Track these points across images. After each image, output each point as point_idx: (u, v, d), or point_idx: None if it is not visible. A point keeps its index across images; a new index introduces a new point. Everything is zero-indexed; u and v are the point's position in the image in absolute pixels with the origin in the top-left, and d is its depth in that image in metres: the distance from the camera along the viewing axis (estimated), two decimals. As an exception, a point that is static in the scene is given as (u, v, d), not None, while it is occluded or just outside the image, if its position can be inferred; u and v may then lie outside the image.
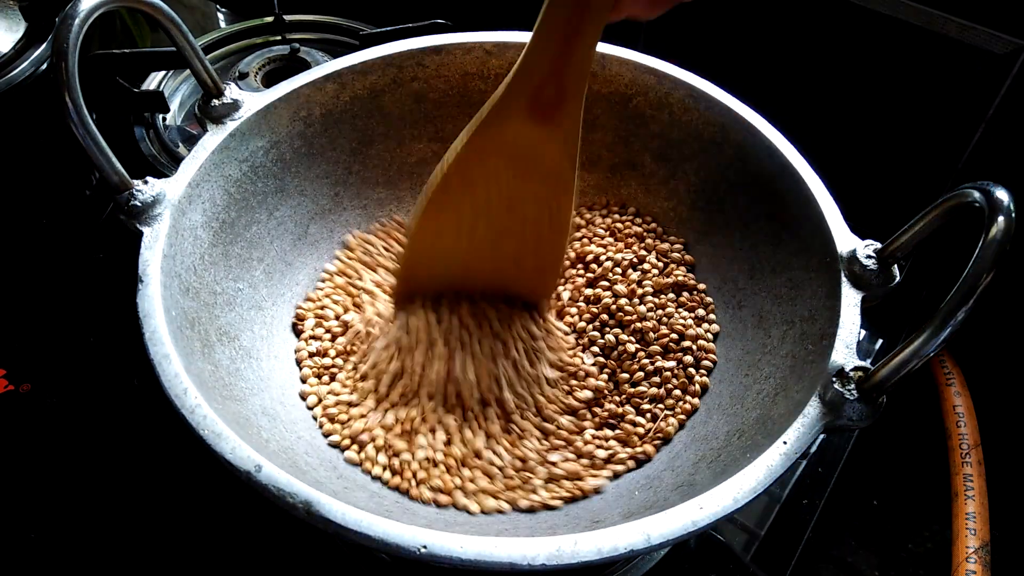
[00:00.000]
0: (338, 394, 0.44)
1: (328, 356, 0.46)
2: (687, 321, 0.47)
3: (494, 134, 0.40)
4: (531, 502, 0.40)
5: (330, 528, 0.31)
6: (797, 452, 0.33)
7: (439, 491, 0.40)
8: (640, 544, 0.30)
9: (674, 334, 0.46)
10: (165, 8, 0.43)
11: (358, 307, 0.48)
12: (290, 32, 0.73)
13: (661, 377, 0.45)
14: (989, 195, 0.32)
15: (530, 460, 0.42)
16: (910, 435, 0.56)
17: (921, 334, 0.31)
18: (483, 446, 0.42)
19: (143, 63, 0.64)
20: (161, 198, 0.41)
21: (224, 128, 0.45)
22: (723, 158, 0.48)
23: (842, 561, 0.52)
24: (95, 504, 0.47)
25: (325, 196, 0.51)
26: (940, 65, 0.54)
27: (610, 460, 0.43)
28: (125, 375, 0.52)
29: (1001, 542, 0.49)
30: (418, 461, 0.41)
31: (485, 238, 0.44)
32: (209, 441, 0.33)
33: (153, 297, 0.37)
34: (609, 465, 0.42)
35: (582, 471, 0.42)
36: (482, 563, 0.30)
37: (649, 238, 0.52)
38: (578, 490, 0.41)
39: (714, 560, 0.46)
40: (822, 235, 0.41)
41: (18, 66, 0.53)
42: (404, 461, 0.41)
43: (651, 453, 0.43)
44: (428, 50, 0.51)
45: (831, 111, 0.60)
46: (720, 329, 0.47)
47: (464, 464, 0.42)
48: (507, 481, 0.41)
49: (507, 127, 0.40)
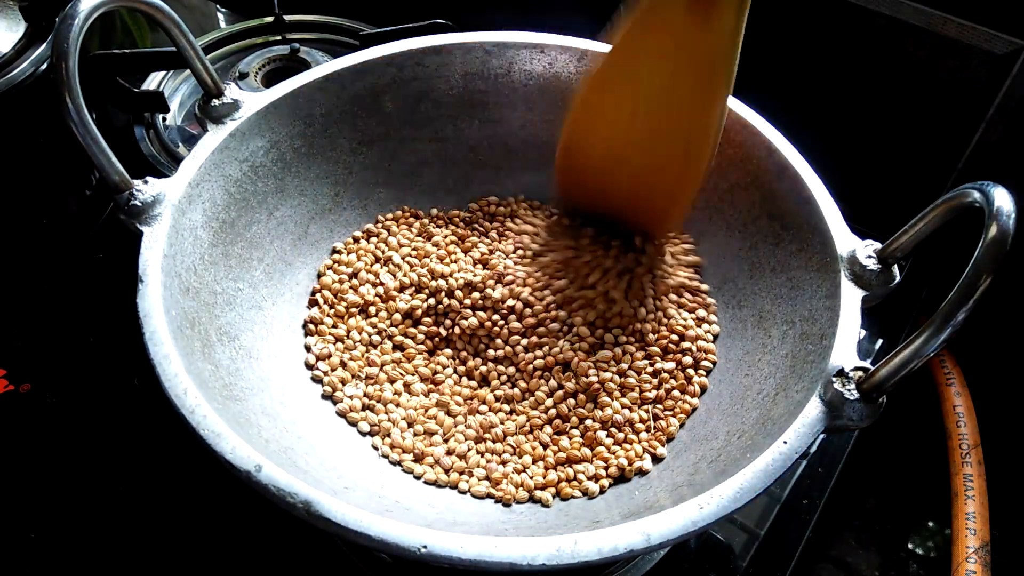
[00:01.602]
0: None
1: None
2: (687, 322, 0.47)
3: (654, 21, 0.40)
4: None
5: (330, 528, 0.31)
6: (797, 452, 0.33)
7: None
8: (640, 544, 0.30)
9: (674, 335, 0.47)
10: (165, 8, 0.43)
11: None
12: (290, 32, 0.73)
13: (659, 379, 0.45)
14: (989, 195, 0.32)
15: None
16: (910, 435, 0.57)
17: (921, 334, 0.31)
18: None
19: (143, 63, 0.64)
20: (161, 198, 0.41)
21: (224, 128, 0.45)
22: (723, 158, 0.48)
23: (842, 561, 0.52)
24: (95, 504, 0.47)
25: (325, 196, 0.51)
26: (940, 65, 0.54)
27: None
28: (125, 375, 0.52)
29: (1001, 542, 0.49)
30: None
31: (644, 127, 0.44)
32: (209, 441, 0.33)
33: (153, 297, 0.37)
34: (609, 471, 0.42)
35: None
36: (482, 563, 0.30)
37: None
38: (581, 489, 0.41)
39: (714, 560, 0.46)
40: (822, 235, 0.41)
41: (18, 66, 0.53)
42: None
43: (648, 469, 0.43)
44: (428, 50, 0.51)
45: (831, 111, 0.60)
46: (720, 330, 0.47)
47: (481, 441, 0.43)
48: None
49: (666, 14, 0.40)
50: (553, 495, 0.41)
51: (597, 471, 0.42)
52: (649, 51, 0.42)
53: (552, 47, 0.52)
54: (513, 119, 0.54)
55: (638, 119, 0.45)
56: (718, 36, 0.40)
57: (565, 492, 0.41)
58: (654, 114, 0.44)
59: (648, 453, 0.43)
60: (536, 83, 0.52)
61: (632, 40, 0.42)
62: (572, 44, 0.51)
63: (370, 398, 0.45)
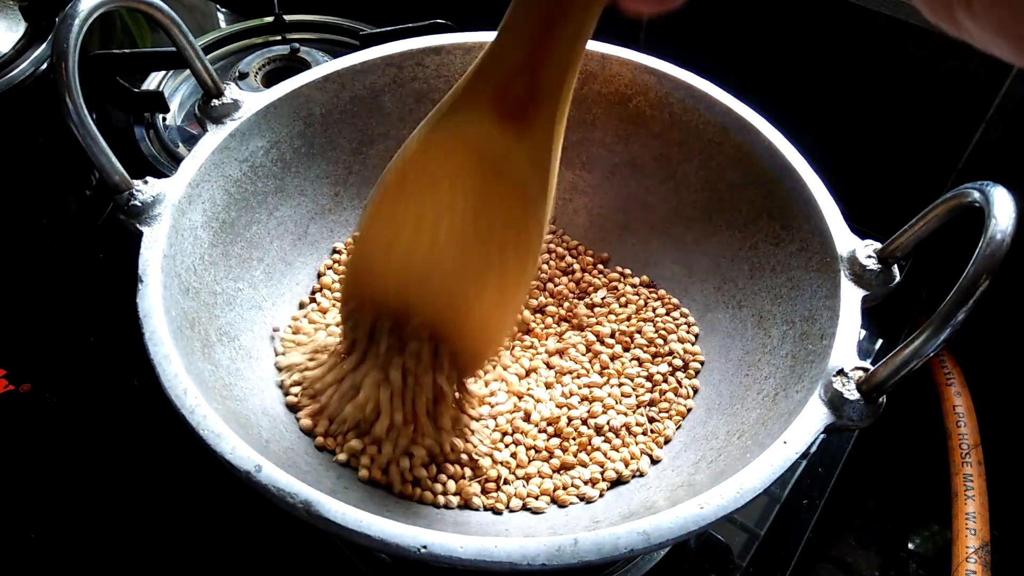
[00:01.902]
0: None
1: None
2: (668, 326, 0.48)
3: (456, 130, 0.35)
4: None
5: (330, 528, 0.31)
6: (797, 452, 0.33)
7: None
8: (640, 544, 0.30)
9: (658, 339, 0.48)
10: (165, 8, 0.43)
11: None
12: (290, 32, 0.73)
13: (653, 382, 0.46)
14: (989, 195, 0.32)
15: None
16: (910, 435, 0.56)
17: (921, 334, 0.32)
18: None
19: (143, 63, 0.64)
20: (161, 198, 0.41)
21: (224, 128, 0.45)
22: (723, 158, 0.48)
23: (842, 561, 0.52)
24: (95, 504, 0.47)
25: (325, 196, 0.51)
26: (940, 65, 0.54)
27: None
28: (125, 375, 0.52)
29: (1001, 542, 0.49)
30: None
31: (448, 243, 0.37)
32: (209, 441, 0.33)
33: (153, 297, 0.37)
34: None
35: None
36: (482, 563, 0.30)
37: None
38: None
39: (714, 560, 0.46)
40: (822, 235, 0.41)
41: (18, 66, 0.53)
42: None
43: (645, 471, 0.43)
44: (428, 50, 0.51)
45: (831, 111, 0.60)
46: (708, 329, 0.48)
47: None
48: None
49: (470, 123, 0.34)
50: (549, 503, 0.41)
51: (593, 476, 0.42)
52: (450, 167, 0.35)
53: (552, 47, 0.51)
54: (513, 119, 0.54)
55: (437, 248, 0.37)
56: (532, 149, 0.34)
57: (561, 499, 0.41)
58: (457, 242, 0.37)
59: (645, 455, 0.43)
60: (536, 83, 0.52)
61: (429, 154, 0.35)
62: (572, 44, 0.51)
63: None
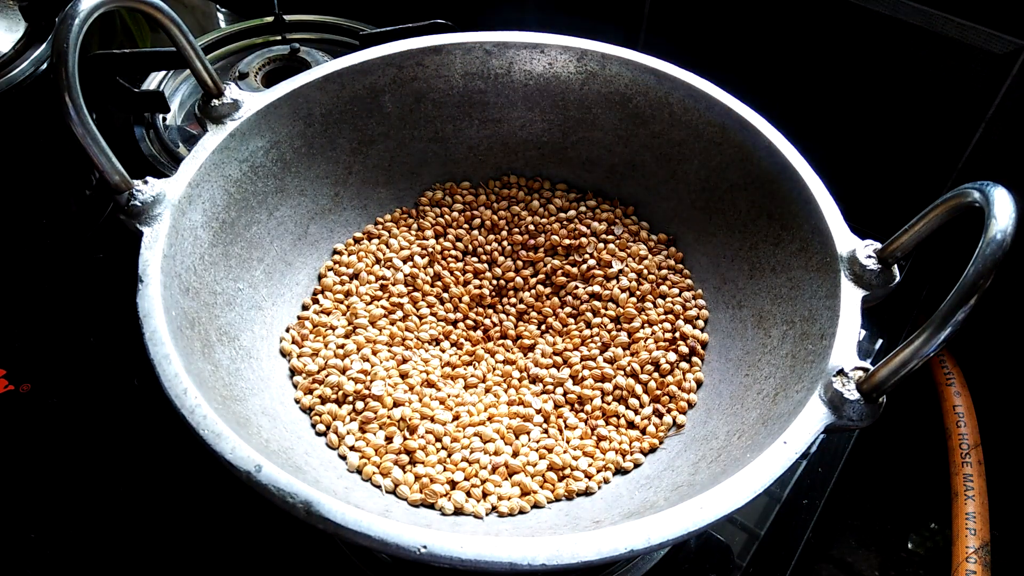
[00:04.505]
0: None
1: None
2: (676, 307, 0.48)
3: None
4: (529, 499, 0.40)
5: (330, 528, 0.31)
6: (797, 452, 0.33)
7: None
8: (640, 544, 0.30)
9: (667, 323, 0.48)
10: (165, 8, 0.43)
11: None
12: (290, 32, 0.73)
13: (660, 370, 0.46)
14: (989, 195, 0.32)
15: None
16: (910, 435, 0.57)
17: (921, 334, 0.31)
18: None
19: (143, 63, 0.64)
20: (161, 198, 0.41)
21: (224, 128, 0.45)
22: (723, 158, 0.48)
23: (842, 561, 0.52)
24: (95, 504, 0.47)
25: (325, 196, 0.51)
26: (940, 65, 0.54)
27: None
28: (125, 375, 0.52)
29: (1001, 542, 0.49)
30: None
31: None
32: (209, 441, 0.33)
33: (153, 297, 0.37)
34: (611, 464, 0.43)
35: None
36: (482, 563, 0.30)
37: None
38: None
39: (714, 560, 0.46)
40: (822, 235, 0.41)
41: (18, 66, 0.53)
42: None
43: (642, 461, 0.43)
44: (428, 50, 0.51)
45: (831, 111, 0.60)
46: (711, 317, 0.48)
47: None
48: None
49: None
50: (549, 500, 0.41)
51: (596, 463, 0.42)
52: None
53: (552, 47, 0.52)
54: (513, 119, 0.54)
55: None
56: None
57: (559, 493, 0.41)
58: None
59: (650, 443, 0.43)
60: (536, 83, 0.52)
61: None
62: (572, 44, 0.51)
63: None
